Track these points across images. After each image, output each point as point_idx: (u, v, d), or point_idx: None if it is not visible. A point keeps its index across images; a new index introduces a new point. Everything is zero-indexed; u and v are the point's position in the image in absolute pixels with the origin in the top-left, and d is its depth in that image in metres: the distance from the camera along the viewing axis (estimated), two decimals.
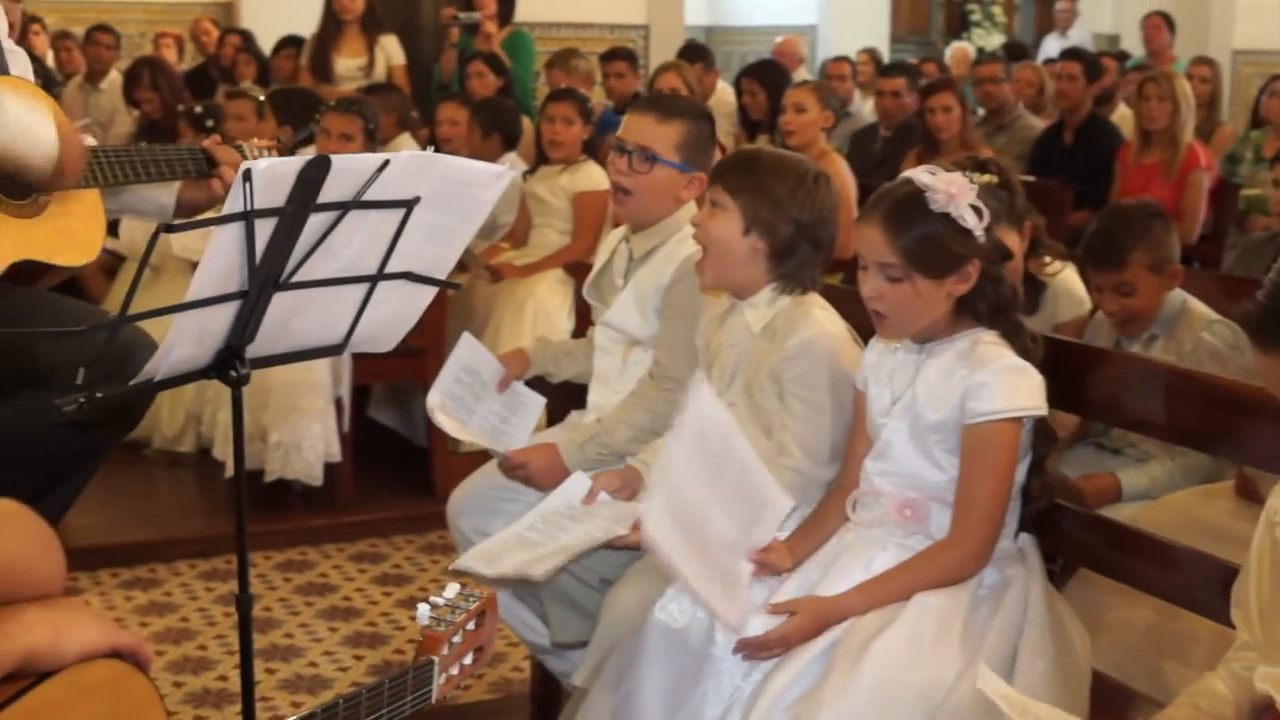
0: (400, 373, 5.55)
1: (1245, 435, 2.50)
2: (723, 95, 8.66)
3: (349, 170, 2.37)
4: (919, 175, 2.58)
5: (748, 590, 2.63)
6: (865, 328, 2.77)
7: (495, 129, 6.32)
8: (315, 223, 2.39)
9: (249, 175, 2.25)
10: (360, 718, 2.01)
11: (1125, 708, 2.65)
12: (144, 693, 1.82)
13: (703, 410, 2.57)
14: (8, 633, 1.68)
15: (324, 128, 5.49)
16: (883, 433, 2.67)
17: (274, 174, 2.28)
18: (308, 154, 2.48)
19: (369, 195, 2.41)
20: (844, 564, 2.65)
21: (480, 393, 3.41)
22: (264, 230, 2.33)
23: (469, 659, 2.24)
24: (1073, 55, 7.92)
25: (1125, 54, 11.18)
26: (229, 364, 2.48)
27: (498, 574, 2.98)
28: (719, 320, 3.08)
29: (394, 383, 6.00)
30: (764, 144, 6.82)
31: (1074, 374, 2.75)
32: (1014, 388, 2.54)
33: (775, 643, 2.54)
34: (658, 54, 10.62)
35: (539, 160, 6.01)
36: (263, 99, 6.48)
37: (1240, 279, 4.85)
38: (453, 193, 2.56)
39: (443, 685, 2.18)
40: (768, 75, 7.89)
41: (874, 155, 7.65)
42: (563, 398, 3.60)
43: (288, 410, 5.09)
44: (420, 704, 2.13)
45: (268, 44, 9.19)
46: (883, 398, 2.69)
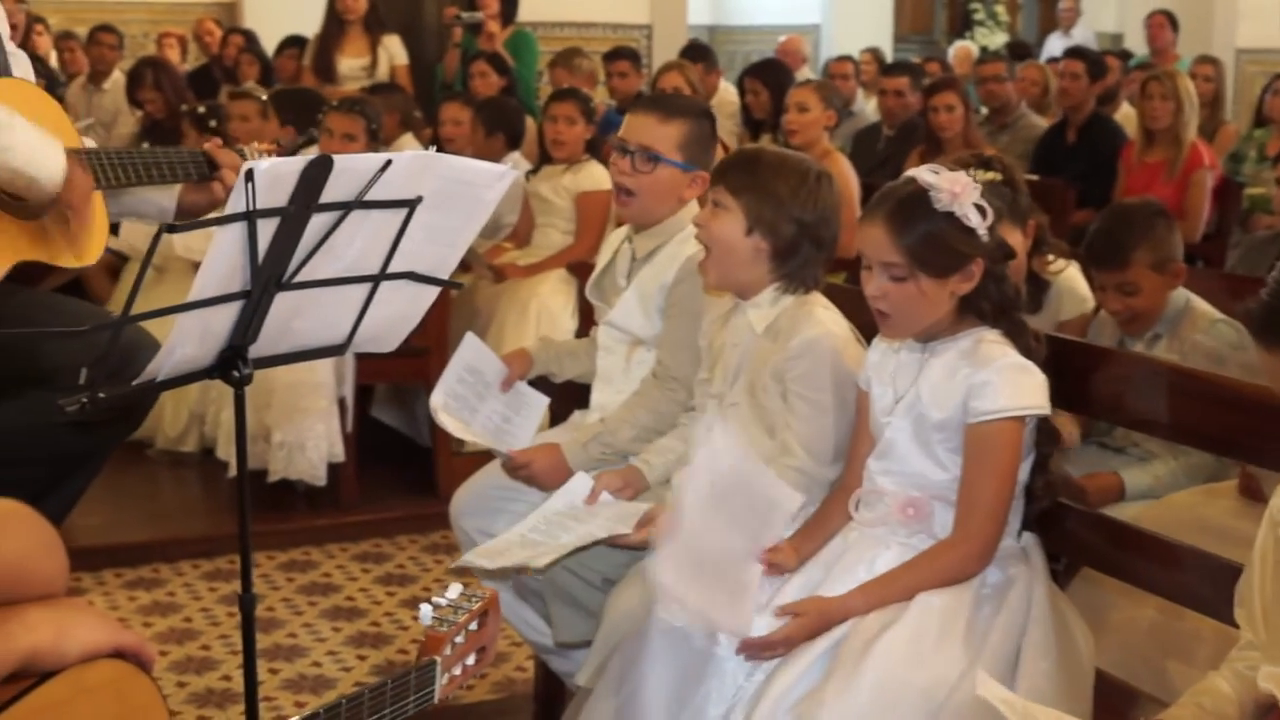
0: (403, 373, 5.54)
1: (1249, 434, 2.50)
2: (725, 95, 8.65)
3: (351, 170, 2.36)
4: (922, 174, 2.57)
5: (755, 592, 2.63)
6: (868, 327, 2.77)
7: (499, 128, 6.32)
8: (318, 223, 2.39)
9: (251, 175, 2.24)
10: (363, 718, 2.01)
11: (1129, 707, 2.64)
12: (146, 693, 1.82)
13: (713, 461, 2.57)
14: (10, 633, 1.68)
15: (326, 127, 5.48)
16: (886, 432, 2.66)
17: (276, 174, 2.27)
18: (310, 154, 2.48)
19: (371, 195, 2.41)
20: (847, 563, 2.65)
21: (484, 393, 3.41)
22: (266, 230, 2.32)
23: (472, 659, 2.24)
24: (1076, 54, 7.90)
25: (1128, 53, 11.18)
26: (231, 364, 2.48)
27: (500, 567, 2.99)
28: (722, 320, 3.07)
29: (397, 383, 5.99)
30: (767, 143, 6.82)
31: (1077, 373, 2.74)
32: (1017, 386, 2.54)
33: (778, 643, 2.54)
34: (661, 53, 10.61)
35: (542, 160, 6.01)
36: (265, 99, 6.48)
37: (1244, 278, 4.84)
38: (455, 192, 2.56)
39: (445, 686, 2.18)
40: (771, 74, 7.88)
41: (877, 154, 7.65)
42: (566, 397, 3.60)
43: (291, 410, 5.08)
44: (423, 704, 2.13)
45: (271, 44, 9.19)
46: (886, 397, 2.69)
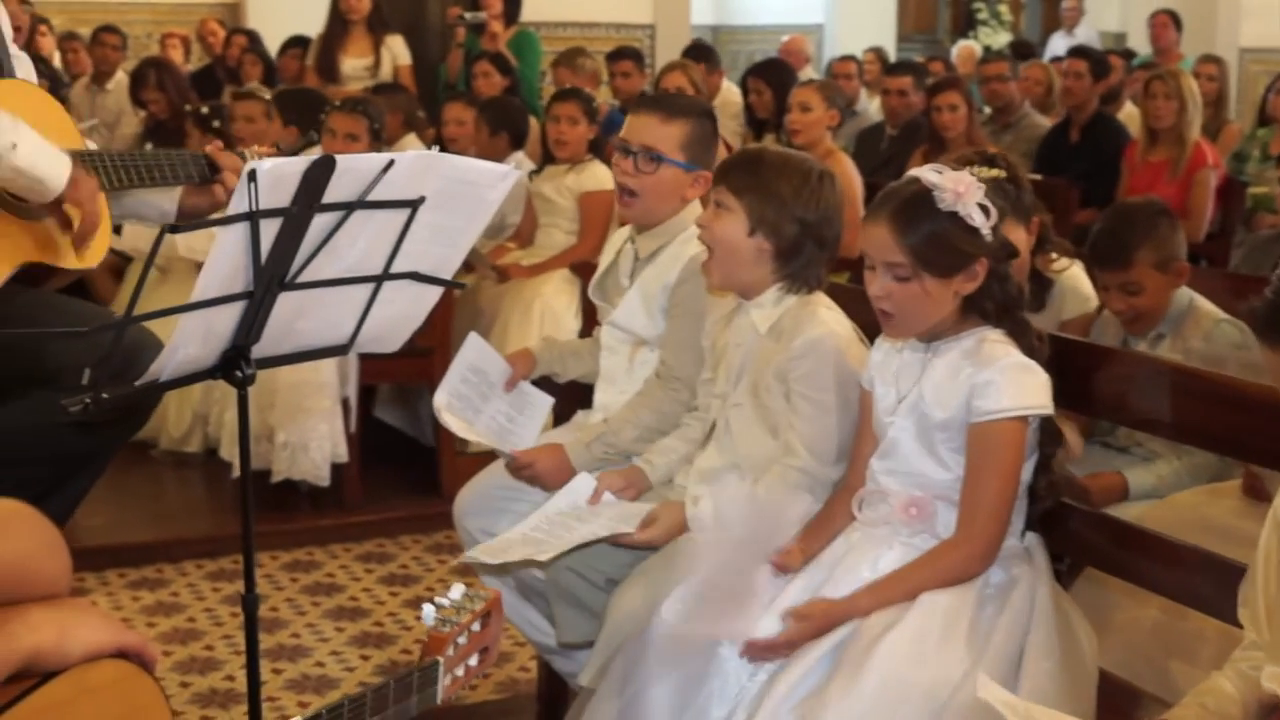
0: (407, 373, 5.54)
1: (1252, 434, 2.49)
2: (728, 95, 8.65)
3: (354, 170, 2.36)
4: (926, 174, 2.57)
5: (762, 595, 2.63)
6: (871, 327, 2.77)
7: (503, 128, 6.32)
8: (320, 223, 2.39)
9: (254, 175, 2.24)
10: (365, 718, 2.01)
11: (1132, 707, 2.64)
12: (149, 693, 1.82)
13: (722, 528, 2.62)
14: (13, 633, 1.68)
15: (329, 127, 5.48)
16: (889, 432, 2.66)
17: (279, 174, 2.27)
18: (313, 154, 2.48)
19: (374, 195, 2.40)
20: (850, 563, 2.65)
21: (487, 393, 3.40)
22: (269, 230, 2.32)
23: (474, 660, 2.24)
24: (1079, 53, 7.90)
25: (1132, 52, 11.18)
26: (234, 364, 2.48)
27: (503, 562, 2.99)
28: (725, 320, 3.07)
29: (401, 383, 5.99)
30: (770, 143, 6.82)
31: (1080, 372, 2.74)
32: (1020, 386, 2.53)
33: (782, 645, 2.54)
34: (664, 53, 10.61)
35: (545, 160, 6.01)
36: (269, 100, 6.49)
37: (1247, 277, 4.84)
38: (458, 193, 2.56)
39: (448, 686, 2.17)
40: (774, 74, 7.87)
41: (880, 154, 7.64)
42: (569, 397, 3.60)
43: (294, 410, 5.08)
44: (425, 704, 2.13)
45: (274, 44, 9.19)
46: (889, 397, 2.68)
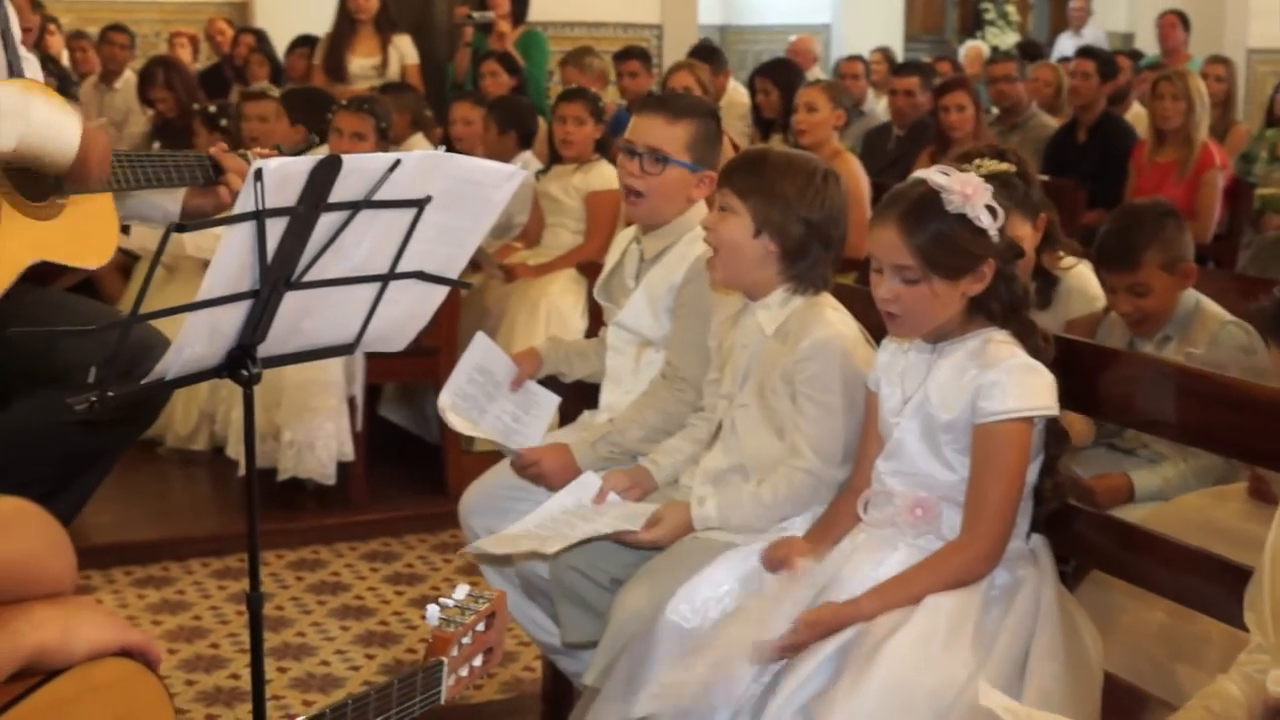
0: (413, 372, 5.54)
1: (1258, 436, 2.48)
2: (735, 95, 8.64)
3: (360, 170, 2.36)
4: (933, 176, 2.56)
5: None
6: (877, 328, 2.77)
7: (511, 126, 6.32)
8: (326, 222, 2.39)
9: (260, 175, 2.24)
10: (369, 718, 2.01)
11: (1137, 710, 2.64)
12: (153, 691, 1.82)
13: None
14: (17, 630, 1.68)
15: (336, 127, 5.48)
16: (894, 432, 2.66)
17: (285, 173, 2.27)
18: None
19: (380, 195, 2.41)
20: (855, 563, 2.65)
21: (493, 392, 3.40)
22: (275, 230, 2.32)
23: (479, 660, 2.24)
24: (1087, 54, 7.90)
25: (1139, 53, 11.15)
26: (240, 363, 2.48)
27: (509, 553, 3.00)
28: (731, 320, 3.07)
29: (407, 382, 6.00)
30: (778, 143, 6.82)
31: (1086, 374, 2.73)
32: (1025, 387, 2.53)
33: (788, 646, 2.53)
34: (671, 53, 10.60)
35: (552, 160, 6.01)
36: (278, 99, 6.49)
37: (1255, 279, 4.83)
38: (464, 193, 2.56)
39: (452, 686, 2.17)
40: (781, 74, 7.87)
41: (887, 154, 7.64)
42: (575, 397, 3.60)
43: (300, 409, 5.09)
44: (429, 705, 2.13)
45: (282, 43, 9.20)
46: (894, 397, 2.68)
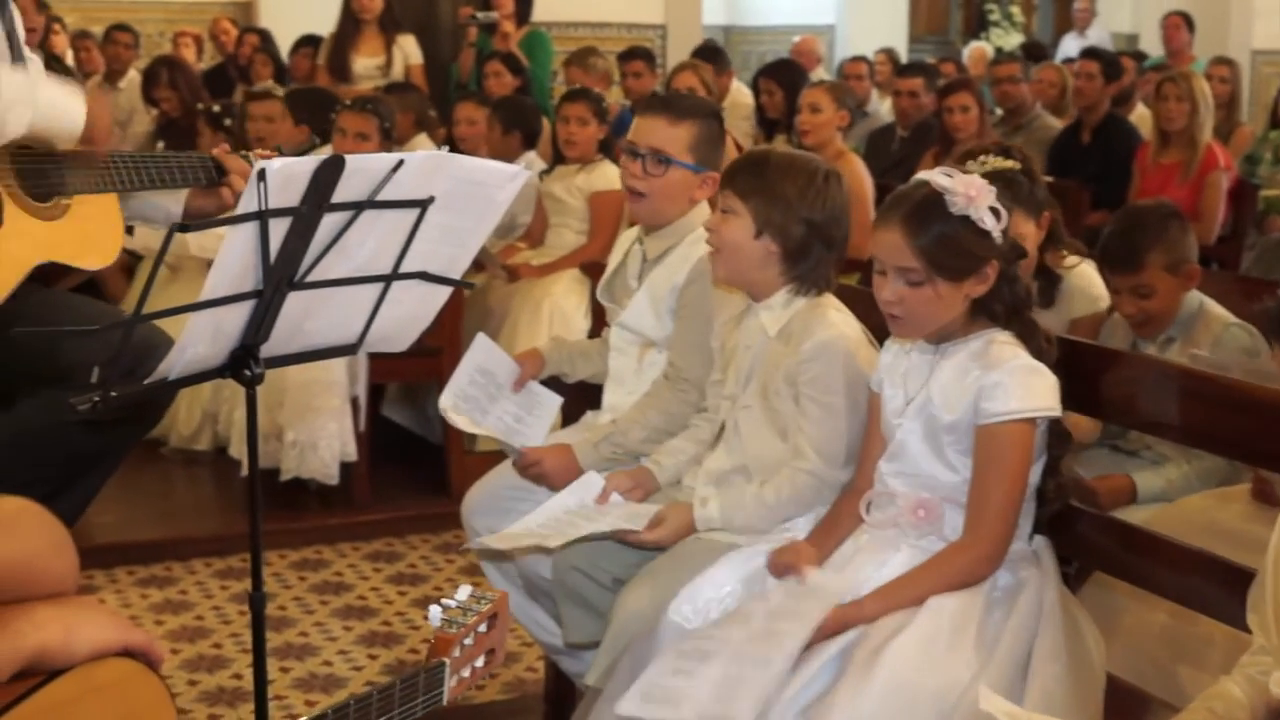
0: (417, 372, 5.54)
1: (1262, 438, 2.48)
2: (738, 96, 8.64)
3: (363, 170, 2.36)
4: (937, 178, 2.56)
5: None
6: (880, 329, 2.77)
7: (516, 126, 6.32)
8: (329, 222, 2.39)
9: (263, 175, 2.24)
10: (371, 719, 2.01)
11: (1140, 712, 2.64)
12: (155, 692, 1.82)
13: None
14: (19, 630, 1.68)
15: (340, 127, 5.49)
16: (897, 433, 2.66)
17: (288, 174, 2.27)
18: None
19: (383, 195, 2.41)
20: (858, 564, 2.65)
21: (495, 393, 3.40)
22: (278, 230, 2.32)
23: (481, 662, 2.24)
24: (1091, 55, 7.88)
25: (1144, 54, 11.14)
26: (243, 363, 2.48)
27: (511, 548, 3.00)
28: (735, 321, 3.07)
29: (410, 382, 6.00)
30: (782, 143, 6.82)
31: (1088, 375, 2.73)
32: (1028, 388, 2.53)
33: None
34: (675, 53, 10.60)
35: (555, 160, 6.01)
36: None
37: (1258, 280, 4.83)
38: (467, 193, 2.55)
39: (454, 688, 2.17)
40: (785, 75, 7.87)
41: (891, 155, 7.64)
42: (578, 398, 3.60)
43: (303, 409, 5.09)
44: (431, 706, 2.13)
45: (286, 43, 9.20)
46: (897, 398, 2.68)
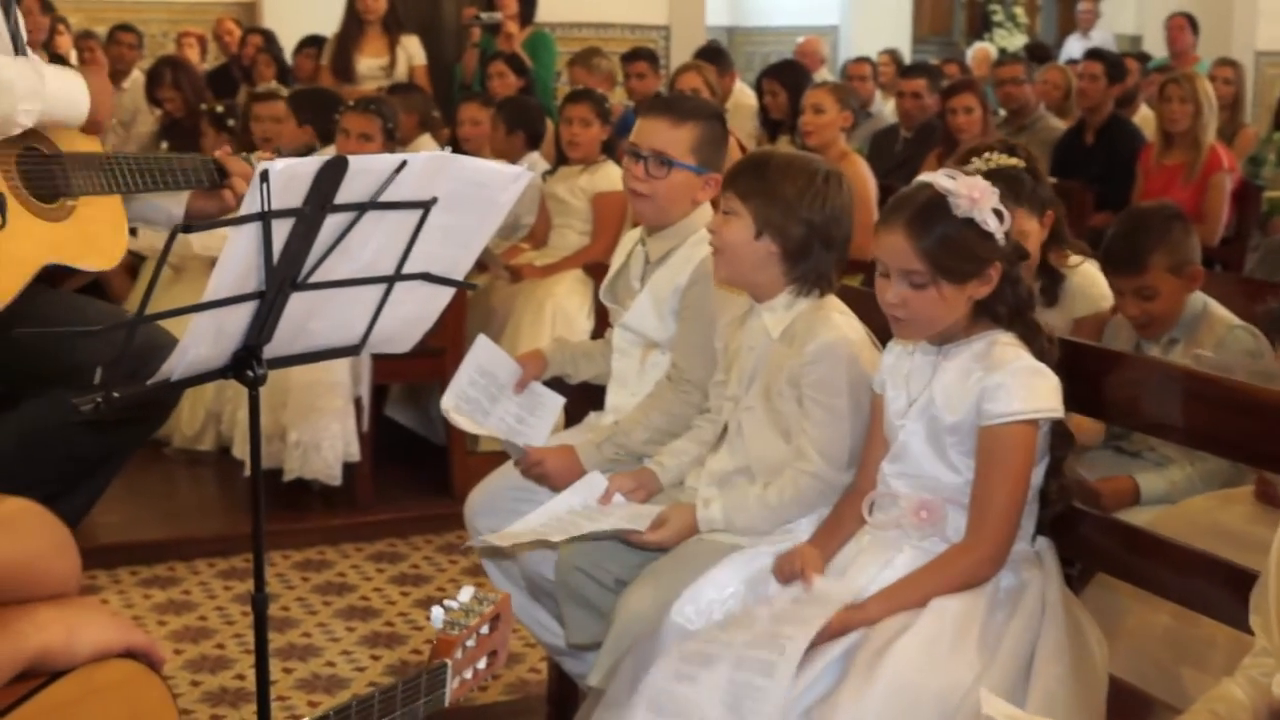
0: (420, 373, 5.55)
1: (1265, 440, 2.48)
2: (741, 97, 8.64)
3: (366, 171, 2.36)
4: (940, 180, 2.56)
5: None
6: (883, 331, 2.76)
7: (519, 127, 6.33)
8: (332, 223, 2.39)
9: (266, 176, 2.24)
10: None
11: (1142, 713, 2.64)
12: (156, 693, 1.82)
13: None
14: (20, 631, 1.68)
15: (343, 127, 5.49)
16: (899, 435, 2.66)
17: (291, 174, 2.27)
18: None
19: (386, 196, 2.40)
20: (861, 565, 2.65)
21: (497, 394, 3.40)
22: (281, 231, 2.32)
23: (483, 663, 2.24)
24: (1095, 56, 7.88)
25: (1147, 55, 11.14)
26: (246, 364, 2.48)
27: (514, 543, 3.01)
28: (738, 322, 3.07)
29: (413, 383, 6.00)
30: (785, 144, 6.81)
31: (1091, 376, 2.73)
32: (1030, 389, 2.53)
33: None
34: (679, 54, 10.59)
35: (559, 161, 6.01)
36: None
37: (1262, 282, 4.83)
38: (470, 194, 2.55)
39: (456, 689, 2.17)
40: (789, 75, 7.87)
41: (895, 156, 7.63)
42: (581, 399, 3.60)
43: (307, 410, 5.09)
44: (433, 708, 2.13)
45: (290, 44, 9.20)
46: (899, 400, 2.68)
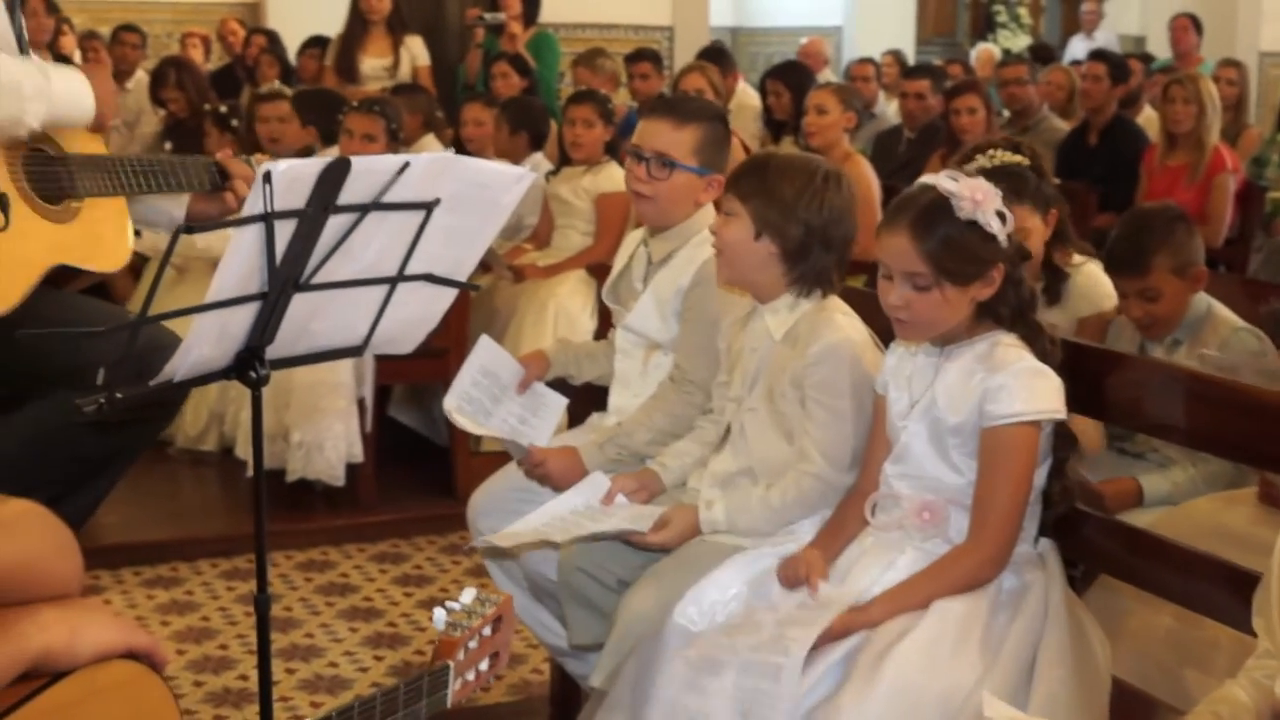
0: (423, 373, 5.54)
1: (1268, 441, 2.47)
2: (745, 97, 8.63)
3: (369, 172, 2.36)
4: (943, 182, 2.55)
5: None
6: (886, 332, 2.76)
7: (523, 127, 6.33)
8: (335, 224, 2.39)
9: (269, 176, 2.24)
10: None
11: (1145, 715, 2.63)
12: (158, 694, 1.82)
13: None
14: (23, 632, 1.68)
15: (347, 128, 5.49)
16: (902, 436, 2.66)
17: (294, 175, 2.27)
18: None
19: (389, 197, 2.40)
20: (863, 566, 2.65)
21: (499, 395, 3.40)
22: (284, 231, 2.32)
23: (485, 665, 2.24)
24: (1098, 57, 7.88)
25: (1151, 56, 11.14)
26: (249, 365, 2.48)
27: (517, 544, 3.01)
28: (741, 323, 3.07)
29: (416, 383, 6.00)
30: (789, 145, 6.81)
31: (1093, 377, 2.72)
32: (1032, 390, 2.53)
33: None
34: (682, 55, 10.59)
35: (562, 161, 6.02)
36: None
37: (1266, 283, 4.82)
38: (473, 195, 2.55)
39: (458, 691, 2.17)
40: (792, 76, 7.87)
41: (898, 157, 7.63)
42: (584, 400, 3.60)
43: (310, 410, 5.09)
44: (435, 709, 2.13)
45: (293, 44, 9.20)
46: (902, 401, 2.68)
